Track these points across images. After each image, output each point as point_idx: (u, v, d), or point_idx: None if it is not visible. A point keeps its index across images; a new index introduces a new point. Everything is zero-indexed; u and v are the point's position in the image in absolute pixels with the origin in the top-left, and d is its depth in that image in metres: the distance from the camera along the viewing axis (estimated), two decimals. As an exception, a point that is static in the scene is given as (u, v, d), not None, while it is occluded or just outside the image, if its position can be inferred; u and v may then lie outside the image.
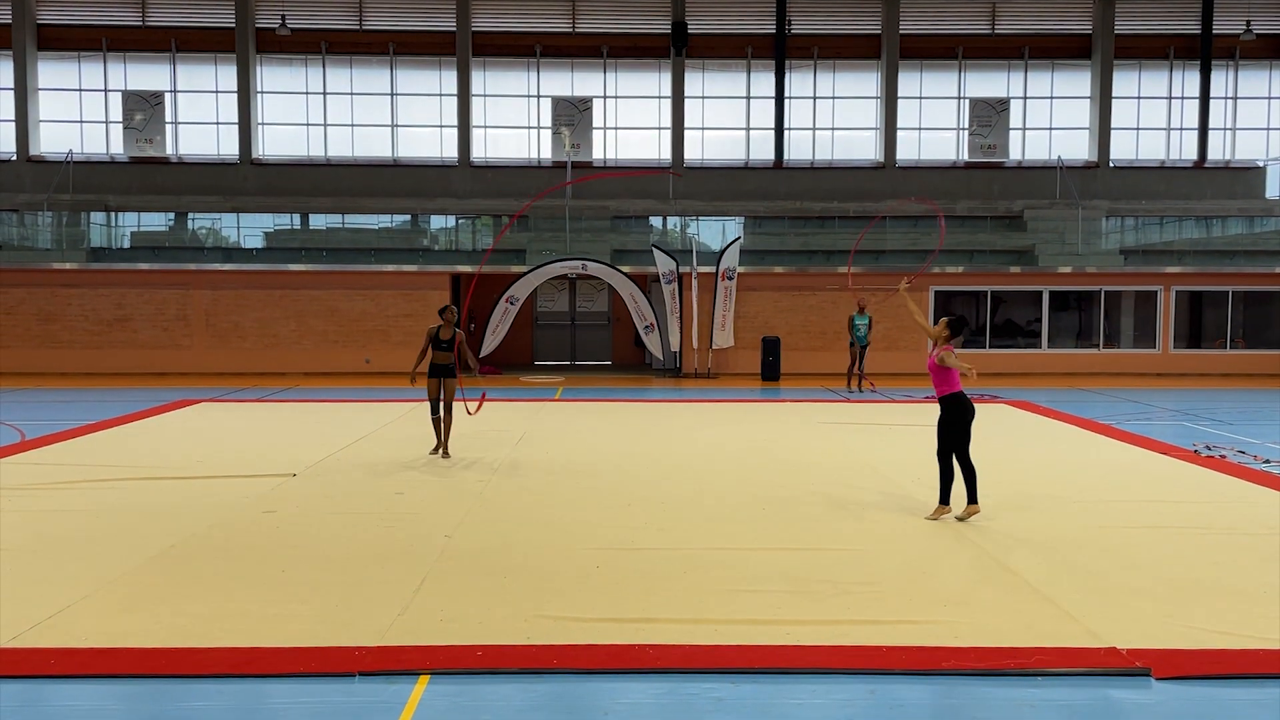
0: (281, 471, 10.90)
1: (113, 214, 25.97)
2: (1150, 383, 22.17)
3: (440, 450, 11.96)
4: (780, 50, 26.71)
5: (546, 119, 27.03)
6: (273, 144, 27.08)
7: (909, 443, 13.19)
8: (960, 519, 8.62)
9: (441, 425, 11.94)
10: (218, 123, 26.90)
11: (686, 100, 26.93)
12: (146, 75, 26.87)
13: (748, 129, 27.35)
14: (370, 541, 7.96)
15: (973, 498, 8.62)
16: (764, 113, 27.23)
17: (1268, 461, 11.63)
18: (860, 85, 27.32)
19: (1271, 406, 17.98)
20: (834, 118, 27.37)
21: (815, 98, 27.31)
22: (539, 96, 27.12)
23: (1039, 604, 6.39)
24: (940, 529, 8.40)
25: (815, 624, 6.00)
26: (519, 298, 22.82)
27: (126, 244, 25.96)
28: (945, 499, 8.74)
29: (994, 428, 14.61)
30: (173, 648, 5.61)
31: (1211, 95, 27.13)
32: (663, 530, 8.36)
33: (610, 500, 9.55)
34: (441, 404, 11.86)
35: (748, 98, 27.27)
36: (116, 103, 26.67)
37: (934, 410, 9.01)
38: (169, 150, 26.77)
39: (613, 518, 8.83)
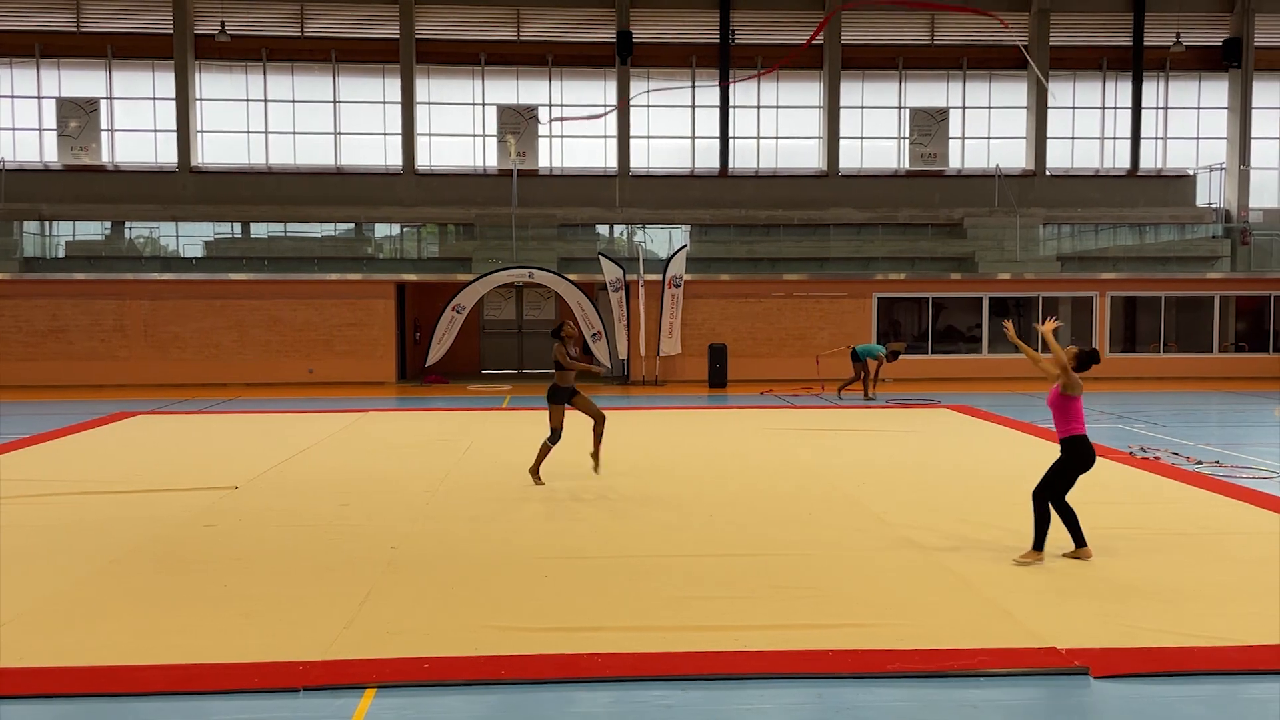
0: (223, 484, 10.73)
1: (46, 223, 25.43)
2: (1086, 386, 22.50)
3: (596, 465, 11.07)
4: (724, 59, 26.90)
5: (492, 127, 26.96)
6: (213, 152, 26.69)
7: (854, 448, 13.33)
8: (1074, 556, 7.56)
9: (595, 439, 10.98)
10: (155, 130, 26.47)
11: (632, 109, 27.00)
12: (81, 82, 26.35)
13: (693, 137, 27.51)
14: (315, 554, 7.87)
15: (1079, 540, 7.55)
16: (709, 121, 27.41)
17: (1200, 463, 11.93)
18: (803, 95, 27.61)
19: (1203, 409, 18.46)
20: (778, 127, 27.62)
21: (759, 107, 27.55)
22: (484, 104, 27.05)
23: (980, 605, 6.50)
24: (884, 533, 8.49)
25: (763, 629, 6.05)
26: (465, 306, 22.71)
27: (61, 254, 25.44)
28: (1040, 544, 7.52)
29: (936, 433, 14.83)
30: (112, 665, 5.50)
31: (1143, 105, 27.83)
32: (611, 538, 8.37)
33: (558, 509, 9.54)
34: (595, 420, 10.88)
35: (693, 106, 27.43)
36: (50, 109, 26.13)
37: (878, 415, 9.17)
38: (105, 158, 26.27)
39: (560, 526, 8.82)
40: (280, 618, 6.29)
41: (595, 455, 11.07)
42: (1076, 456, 7.47)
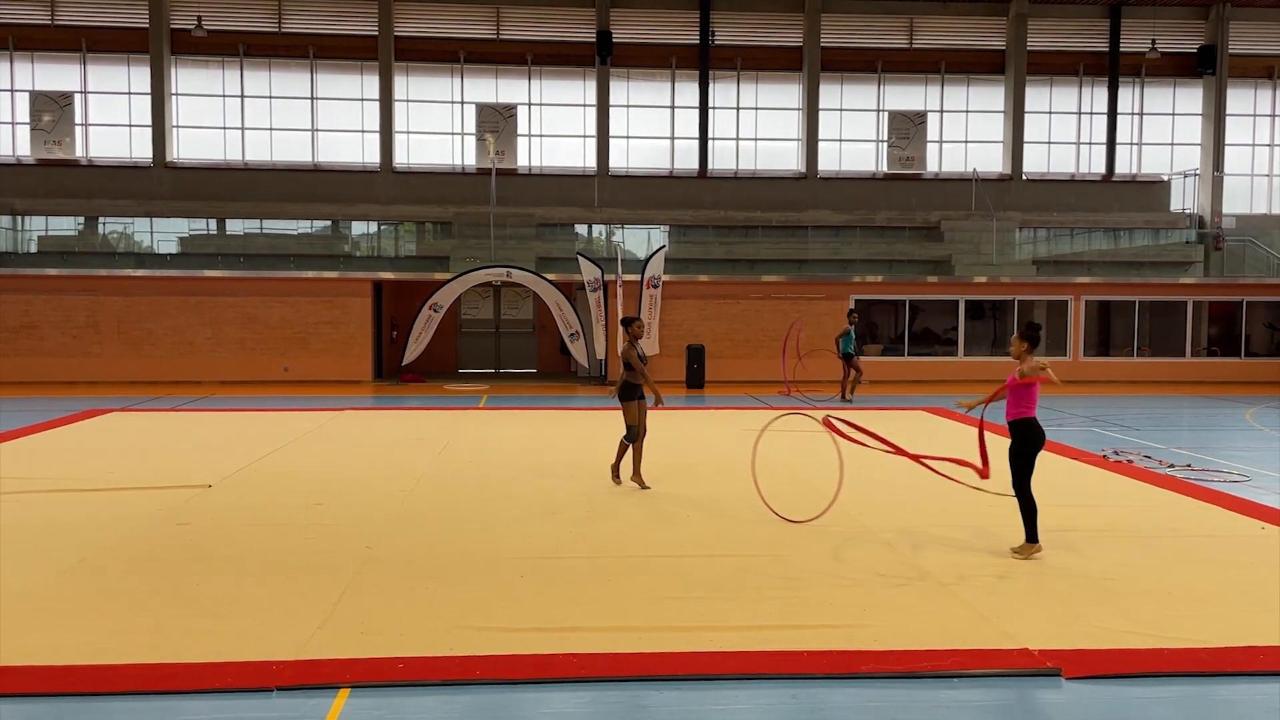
0: (196, 482, 10.65)
1: (19, 218, 25.17)
2: (1061, 389, 22.67)
3: (639, 480, 10.63)
4: (704, 60, 26.94)
5: (471, 125, 26.88)
6: (188, 147, 26.49)
7: (829, 449, 13.34)
8: (1019, 557, 7.67)
9: (635, 452, 10.69)
10: (130, 125, 26.25)
11: (611, 109, 26.99)
12: (55, 75, 26.11)
13: (672, 138, 27.53)
14: (289, 553, 7.82)
15: (1032, 535, 7.74)
16: (688, 122, 27.43)
17: (1172, 466, 12.04)
18: (782, 96, 27.69)
19: (1176, 412, 18.63)
20: (757, 128, 27.69)
21: (739, 108, 27.60)
22: (463, 103, 26.97)
23: (955, 606, 6.53)
24: (859, 535, 8.53)
25: (738, 629, 6.05)
26: (442, 305, 22.62)
27: (33, 249, 25.18)
28: (1033, 536, 7.72)
29: (911, 434, 14.90)
30: (84, 665, 5.44)
31: (1119, 111, 28.07)
32: (587, 538, 8.36)
33: (534, 509, 9.52)
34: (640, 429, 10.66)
35: (672, 107, 27.45)
36: (24, 103, 25.86)
37: (853, 418, 9.19)
38: (79, 153, 26.03)
39: (537, 527, 8.80)
40: (253, 617, 6.24)
41: (637, 475, 10.61)
42: (1024, 438, 7.71)
